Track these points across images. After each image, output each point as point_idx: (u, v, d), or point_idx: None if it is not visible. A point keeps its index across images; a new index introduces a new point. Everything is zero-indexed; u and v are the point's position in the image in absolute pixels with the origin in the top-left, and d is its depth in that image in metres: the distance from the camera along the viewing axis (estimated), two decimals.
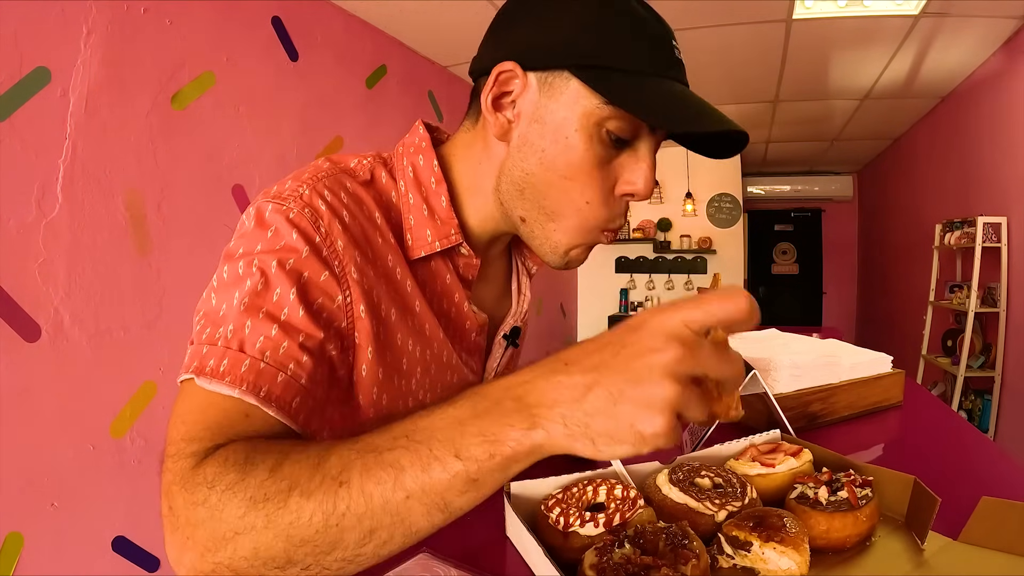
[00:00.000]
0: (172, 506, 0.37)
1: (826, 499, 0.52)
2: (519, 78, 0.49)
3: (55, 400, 1.39)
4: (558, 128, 0.48)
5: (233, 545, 0.34)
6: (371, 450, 0.34)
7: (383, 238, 0.52)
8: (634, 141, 0.50)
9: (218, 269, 0.47)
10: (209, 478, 0.36)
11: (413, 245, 0.54)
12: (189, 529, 0.35)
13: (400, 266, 0.52)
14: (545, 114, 0.49)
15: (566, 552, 0.48)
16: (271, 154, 2.03)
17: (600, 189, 0.50)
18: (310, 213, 0.47)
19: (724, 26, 2.69)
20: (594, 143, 0.48)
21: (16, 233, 1.32)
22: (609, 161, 0.50)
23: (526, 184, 0.51)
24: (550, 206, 0.51)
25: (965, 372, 2.98)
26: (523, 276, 0.66)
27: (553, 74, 0.48)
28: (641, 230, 5.46)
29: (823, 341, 1.16)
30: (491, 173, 0.54)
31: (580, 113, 0.48)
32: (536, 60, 0.48)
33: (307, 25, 2.19)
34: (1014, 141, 2.76)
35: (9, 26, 1.29)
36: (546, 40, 0.48)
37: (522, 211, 0.53)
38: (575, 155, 0.48)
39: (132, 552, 1.55)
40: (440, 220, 0.54)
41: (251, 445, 0.38)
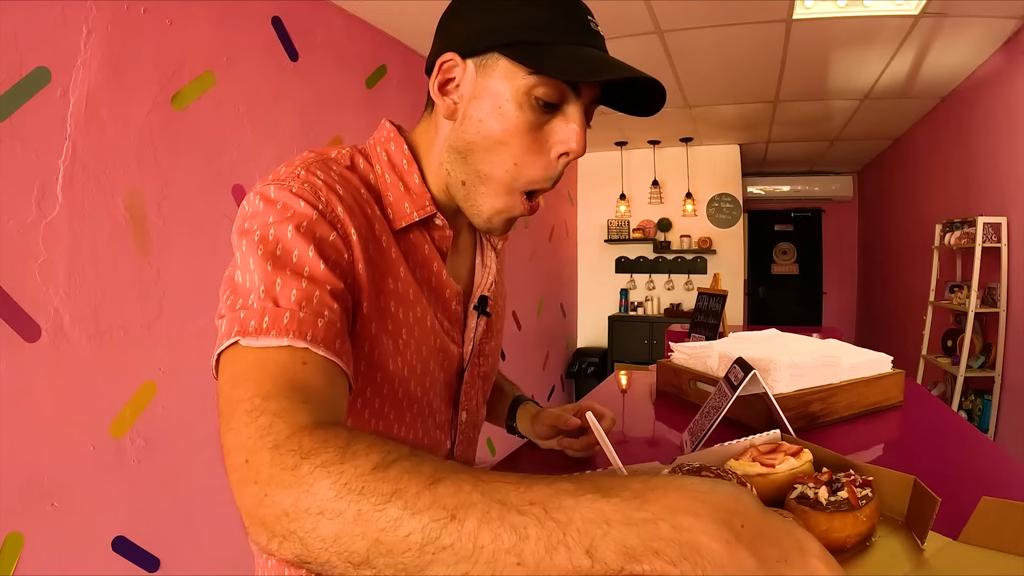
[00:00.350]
0: (250, 460, 0.37)
1: (826, 499, 0.52)
2: (459, 65, 0.57)
3: (55, 400, 1.39)
4: (493, 100, 0.55)
5: (315, 522, 0.33)
6: (498, 500, 0.31)
7: (371, 209, 0.58)
8: (563, 105, 0.56)
9: (235, 247, 0.51)
10: (304, 448, 0.36)
11: (394, 218, 0.60)
12: (271, 488, 0.35)
13: (386, 234, 0.58)
14: (482, 91, 0.56)
15: None
16: (271, 154, 2.03)
17: (529, 151, 0.56)
18: (309, 187, 0.52)
19: (724, 26, 2.69)
20: (525, 110, 0.54)
21: (16, 233, 1.32)
22: (541, 126, 0.56)
23: (467, 151, 0.58)
24: (484, 169, 0.57)
25: (965, 372, 2.98)
26: (488, 251, 0.72)
27: (486, 57, 0.55)
28: (641, 230, 5.46)
29: (823, 341, 1.16)
30: (443, 147, 0.61)
31: (510, 85, 0.54)
32: (471, 47, 0.56)
33: (307, 25, 2.19)
34: (1014, 141, 2.76)
35: (9, 26, 1.29)
36: (477, 29, 0.55)
37: (463, 175, 0.59)
38: (508, 122, 0.55)
39: (132, 552, 1.55)
40: (415, 194, 0.61)
41: (353, 433, 0.37)
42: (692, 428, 0.83)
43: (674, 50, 2.98)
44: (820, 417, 0.94)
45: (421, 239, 0.62)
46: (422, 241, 0.62)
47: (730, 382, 0.79)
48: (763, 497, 0.56)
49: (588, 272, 5.76)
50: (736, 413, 0.95)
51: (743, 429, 0.91)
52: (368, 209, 0.57)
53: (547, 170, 0.57)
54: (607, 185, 5.53)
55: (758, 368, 0.77)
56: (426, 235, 0.63)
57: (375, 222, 0.57)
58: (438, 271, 0.64)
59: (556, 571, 0.29)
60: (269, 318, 0.44)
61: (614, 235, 5.52)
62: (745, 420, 0.94)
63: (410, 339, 0.60)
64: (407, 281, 0.59)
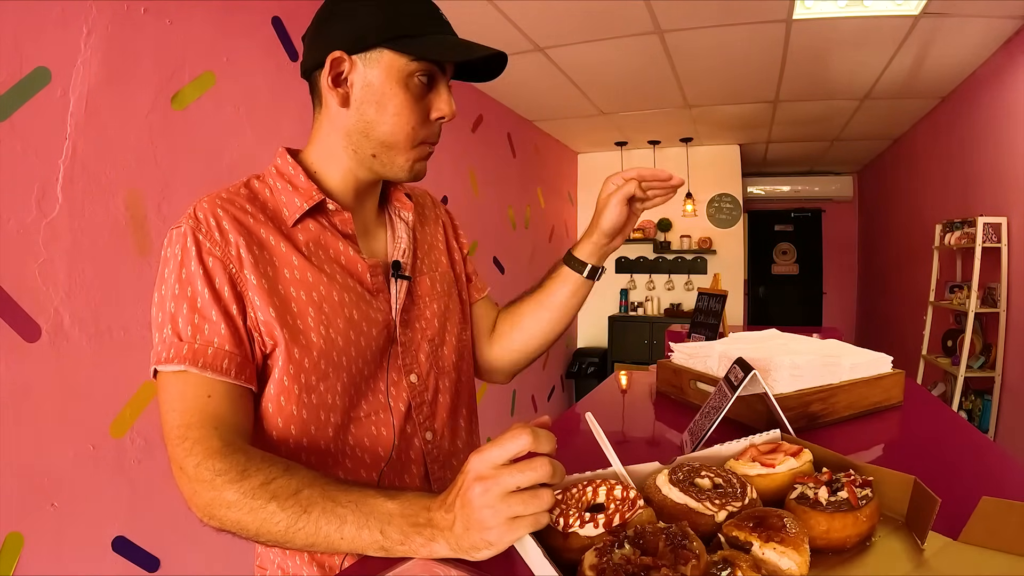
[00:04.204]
0: (183, 467, 0.57)
1: (826, 499, 0.52)
2: (347, 61, 0.68)
3: (55, 400, 1.39)
4: (383, 85, 0.68)
5: (225, 512, 0.55)
6: (330, 499, 0.53)
7: (254, 219, 0.69)
8: (434, 82, 0.70)
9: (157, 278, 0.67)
10: (217, 468, 0.56)
11: (289, 214, 0.71)
12: (198, 486, 0.56)
13: (274, 235, 0.69)
14: (373, 79, 0.68)
15: (566, 553, 0.48)
16: (271, 154, 2.01)
17: (419, 117, 0.70)
18: (192, 221, 0.66)
19: (724, 26, 2.69)
20: (408, 89, 0.68)
21: (16, 233, 1.32)
22: (421, 99, 0.70)
23: (367, 128, 0.70)
24: (389, 138, 0.70)
25: (965, 372, 2.98)
26: (398, 224, 0.83)
27: (371, 51, 0.67)
28: (641, 230, 5.46)
29: (823, 341, 1.16)
30: (339, 136, 0.72)
31: (396, 71, 0.68)
32: (356, 45, 0.67)
33: (307, 25, 2.19)
34: (1014, 141, 2.76)
35: (9, 26, 1.29)
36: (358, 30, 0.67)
37: (371, 149, 0.71)
38: (398, 99, 0.68)
39: (132, 552, 1.55)
40: (301, 190, 0.72)
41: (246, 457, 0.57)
42: (692, 428, 0.83)
43: (674, 50, 2.98)
44: (820, 417, 0.94)
45: (320, 228, 0.72)
46: (321, 229, 0.72)
47: (730, 382, 0.79)
48: (763, 497, 0.56)
49: None
50: (736, 413, 0.94)
51: (743, 429, 0.91)
52: (250, 220, 0.69)
53: (433, 130, 0.73)
54: None
55: (758, 368, 0.76)
56: (324, 222, 0.73)
57: (260, 228, 0.69)
58: (344, 250, 0.73)
59: (363, 543, 0.52)
60: (174, 350, 0.61)
61: None
62: (745, 420, 0.94)
63: (320, 315, 0.69)
64: (303, 267, 0.69)
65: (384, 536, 0.51)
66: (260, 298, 0.65)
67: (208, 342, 0.62)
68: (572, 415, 1.11)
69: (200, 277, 0.63)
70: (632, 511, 0.50)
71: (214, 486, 0.55)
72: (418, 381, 0.77)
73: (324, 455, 0.69)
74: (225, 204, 0.69)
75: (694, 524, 0.50)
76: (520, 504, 0.48)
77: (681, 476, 0.56)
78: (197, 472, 0.56)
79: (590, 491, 0.54)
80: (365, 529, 0.51)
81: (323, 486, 0.54)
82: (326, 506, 0.53)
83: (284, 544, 0.54)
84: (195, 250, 0.64)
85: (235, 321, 0.64)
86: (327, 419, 0.69)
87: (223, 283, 0.64)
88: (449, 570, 0.50)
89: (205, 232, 0.65)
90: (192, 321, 0.62)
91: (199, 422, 0.59)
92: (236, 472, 0.55)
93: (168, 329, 0.62)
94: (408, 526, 0.51)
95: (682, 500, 0.52)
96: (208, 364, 0.61)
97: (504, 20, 2.56)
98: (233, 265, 0.65)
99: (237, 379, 0.62)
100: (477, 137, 3.63)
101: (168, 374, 0.61)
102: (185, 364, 0.60)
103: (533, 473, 0.48)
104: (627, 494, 0.53)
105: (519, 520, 0.48)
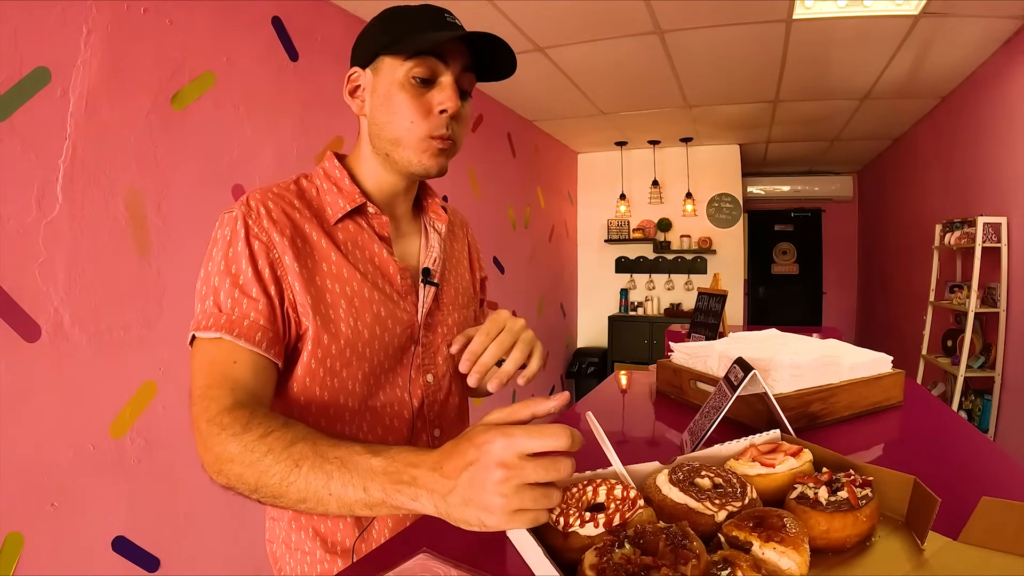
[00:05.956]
0: (198, 425, 0.61)
1: (826, 499, 0.52)
2: (359, 74, 0.77)
3: (55, 400, 1.39)
4: (385, 89, 0.74)
5: (229, 467, 0.58)
6: (320, 455, 0.54)
7: (300, 214, 0.75)
8: (437, 78, 0.73)
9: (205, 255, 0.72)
10: (224, 424, 0.59)
11: (332, 213, 0.77)
12: (209, 443, 0.59)
13: (316, 231, 0.75)
14: (378, 85, 0.75)
15: (566, 552, 0.48)
16: (271, 154, 2.03)
17: (418, 112, 0.73)
18: (244, 207, 0.72)
19: (724, 26, 2.69)
20: (407, 87, 0.72)
21: (16, 233, 1.32)
22: (422, 96, 0.73)
23: (379, 129, 0.76)
24: (395, 136, 0.75)
25: (965, 372, 2.98)
26: (432, 234, 0.87)
27: (376, 61, 0.75)
28: (641, 230, 5.46)
29: (823, 341, 1.16)
30: (366, 142, 0.79)
31: (393, 73, 0.73)
32: (365, 59, 0.76)
33: (307, 25, 2.19)
34: (1014, 141, 2.76)
35: (9, 26, 1.29)
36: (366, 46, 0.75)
37: (385, 148, 0.76)
38: (398, 98, 0.73)
39: (132, 552, 1.55)
40: (346, 192, 0.78)
41: (251, 412, 0.60)
42: (692, 428, 0.83)
43: (674, 50, 2.98)
44: (820, 417, 0.94)
45: (358, 228, 0.78)
46: (359, 230, 0.78)
47: (730, 382, 0.79)
48: (763, 497, 0.56)
49: (588, 272, 5.76)
50: (736, 413, 0.95)
51: (743, 429, 0.91)
52: (297, 214, 0.74)
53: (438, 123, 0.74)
54: (607, 185, 5.53)
55: (758, 368, 0.76)
56: (363, 224, 0.79)
57: (304, 224, 0.74)
58: (379, 252, 0.78)
59: (348, 500, 0.53)
60: (213, 319, 0.66)
61: (614, 235, 5.52)
62: (745, 420, 0.94)
63: (351, 308, 0.74)
64: (340, 263, 0.75)
65: (367, 493, 0.52)
66: (299, 284, 0.71)
67: (245, 315, 0.67)
68: (572, 415, 1.11)
69: (245, 257, 0.69)
70: (632, 511, 0.50)
71: (220, 440, 0.58)
72: (434, 381, 0.82)
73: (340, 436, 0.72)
74: (276, 198, 0.74)
75: (694, 524, 0.50)
76: (531, 500, 0.47)
77: (681, 476, 0.56)
78: (208, 428, 0.59)
79: (590, 491, 0.54)
80: (350, 486, 0.52)
81: (314, 441, 0.56)
82: (315, 461, 0.54)
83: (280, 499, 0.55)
84: (243, 233, 0.70)
85: (272, 300, 0.69)
86: (345, 403, 0.74)
87: (265, 265, 0.69)
88: (449, 570, 0.50)
89: (255, 218, 0.71)
90: (233, 295, 0.67)
91: (219, 383, 0.63)
92: (239, 426, 0.58)
93: (210, 301, 0.68)
94: (390, 484, 0.51)
95: (682, 500, 0.52)
96: (242, 334, 0.66)
97: (504, 20, 2.56)
98: (276, 251, 0.71)
99: (267, 352, 0.67)
100: (477, 137, 3.63)
101: (204, 341, 0.66)
102: (222, 332, 0.65)
103: (556, 473, 0.47)
104: (627, 494, 0.53)
105: (523, 514, 0.47)
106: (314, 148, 2.25)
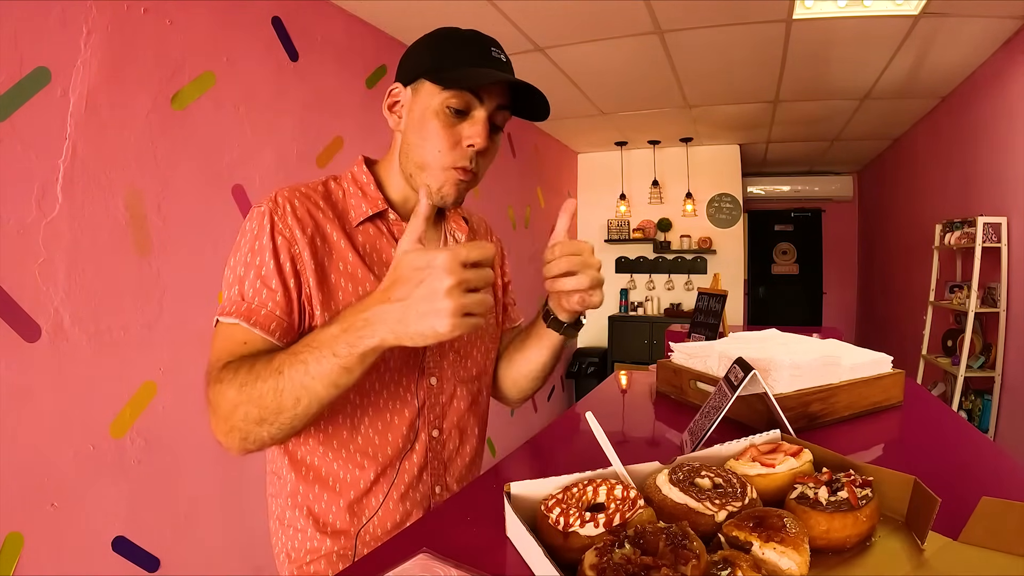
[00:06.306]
0: (208, 399, 0.66)
1: (826, 499, 0.52)
2: (401, 91, 0.80)
3: (55, 400, 1.39)
4: (421, 112, 0.76)
5: (234, 413, 0.63)
6: (292, 353, 0.62)
7: (324, 215, 0.79)
8: (470, 111, 0.76)
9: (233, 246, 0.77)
10: (220, 377, 0.65)
11: (355, 216, 0.81)
12: (214, 407, 0.65)
13: (337, 231, 0.79)
14: (415, 106, 0.78)
15: (566, 552, 0.48)
16: (271, 154, 2.03)
17: (446, 142, 0.75)
18: (272, 204, 0.76)
19: (724, 26, 2.69)
20: (440, 115, 0.75)
21: (16, 233, 1.32)
22: (453, 127, 0.76)
23: (409, 149, 0.79)
24: (419, 160, 0.78)
25: (965, 372, 2.98)
26: (451, 241, 0.91)
27: (417, 83, 0.78)
28: (641, 230, 5.46)
29: (823, 341, 1.16)
30: (396, 155, 0.83)
31: (430, 100, 0.76)
32: (407, 77, 0.79)
33: (307, 25, 2.19)
34: (1014, 141, 2.76)
35: (9, 26, 1.29)
36: (411, 65, 0.79)
37: (411, 169, 0.80)
38: (430, 125, 0.76)
39: (132, 552, 1.55)
40: (370, 197, 0.82)
41: (242, 359, 0.66)
42: (692, 428, 0.83)
43: (674, 50, 2.98)
44: (820, 417, 0.94)
45: (378, 232, 0.82)
46: (379, 234, 0.82)
47: (730, 382, 0.79)
48: (763, 497, 0.56)
49: None
50: (736, 413, 0.94)
51: (743, 429, 0.91)
52: (320, 214, 0.78)
53: (462, 156, 0.77)
54: (607, 185, 5.53)
55: (758, 368, 0.76)
56: (383, 229, 0.83)
57: (326, 224, 0.78)
58: None
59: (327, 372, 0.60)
60: (235, 307, 0.71)
61: (614, 235, 5.51)
62: (745, 420, 0.94)
63: None
64: (356, 264, 0.79)
65: (337, 356, 0.59)
66: (314, 280, 0.75)
67: (263, 304, 0.71)
68: (572, 415, 1.11)
69: (269, 250, 0.73)
70: (632, 511, 0.50)
71: (221, 392, 0.63)
72: (436, 384, 0.85)
73: (339, 429, 0.78)
74: (302, 197, 0.78)
75: (694, 524, 0.50)
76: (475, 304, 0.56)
77: (681, 476, 0.56)
78: (212, 391, 0.65)
79: (590, 491, 0.54)
80: (324, 360, 0.59)
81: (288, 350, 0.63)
82: (291, 360, 0.61)
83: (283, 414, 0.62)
84: (269, 228, 0.74)
85: (291, 293, 0.73)
86: (347, 397, 0.77)
87: (286, 259, 0.74)
88: (449, 570, 0.50)
89: (280, 215, 0.75)
90: (255, 286, 0.72)
91: (227, 358, 0.69)
92: (232, 373, 0.64)
93: (235, 289, 0.72)
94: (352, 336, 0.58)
95: (682, 500, 0.52)
96: (258, 322, 0.70)
97: (504, 20, 2.56)
98: (297, 247, 0.75)
99: (279, 340, 0.72)
100: None
101: (225, 325, 0.71)
102: (240, 319, 0.70)
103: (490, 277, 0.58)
104: (627, 494, 0.53)
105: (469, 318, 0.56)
106: (314, 148, 2.25)
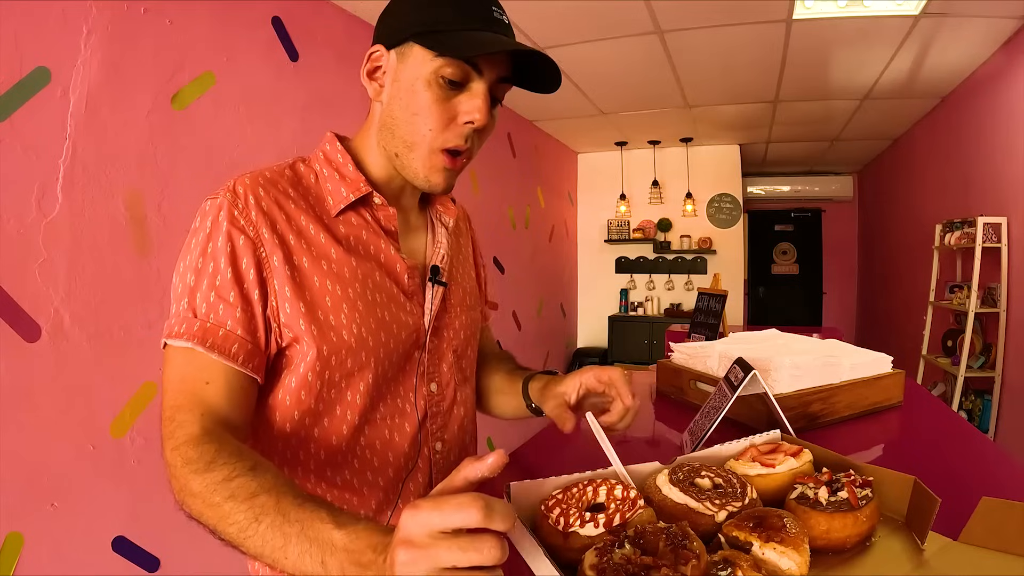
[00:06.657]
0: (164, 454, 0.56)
1: (826, 499, 0.52)
2: (384, 55, 0.66)
3: (55, 400, 1.39)
4: (410, 81, 0.64)
5: (191, 501, 0.52)
6: (281, 513, 0.48)
7: (295, 204, 0.66)
8: (468, 83, 0.64)
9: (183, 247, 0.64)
10: (188, 458, 0.53)
11: (333, 204, 0.68)
12: (172, 470, 0.54)
13: (314, 224, 0.66)
14: (401, 74, 0.65)
15: (566, 552, 0.48)
16: (271, 154, 2.03)
17: (439, 119, 0.64)
18: (230, 195, 0.63)
19: (724, 26, 2.69)
20: (433, 87, 0.63)
21: (16, 233, 1.32)
22: (447, 100, 0.64)
23: (393, 125, 0.67)
24: (408, 137, 0.66)
25: (965, 372, 2.98)
26: (439, 228, 0.80)
27: (404, 46, 0.64)
28: (641, 230, 5.46)
29: (823, 341, 1.16)
30: (375, 129, 0.70)
31: (421, 68, 0.63)
32: (393, 39, 0.65)
33: (307, 25, 2.19)
34: (1014, 141, 2.76)
35: (9, 26, 1.29)
36: (398, 24, 0.65)
37: (393, 148, 0.68)
38: (420, 98, 0.64)
39: (132, 552, 1.55)
40: (349, 179, 0.69)
41: (218, 447, 0.54)
42: (692, 428, 0.83)
43: (674, 50, 2.98)
44: (820, 417, 0.94)
45: (361, 221, 0.70)
46: (362, 223, 0.70)
47: (730, 382, 0.79)
48: (763, 497, 0.56)
49: (588, 272, 5.76)
50: (736, 413, 0.94)
51: (743, 429, 0.91)
52: (291, 205, 0.66)
53: (457, 134, 0.66)
54: (607, 185, 5.53)
55: (758, 368, 0.77)
56: (367, 216, 0.70)
57: (300, 215, 0.66)
58: (384, 248, 0.70)
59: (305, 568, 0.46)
60: (185, 326, 0.59)
61: (614, 235, 5.52)
62: (745, 420, 0.94)
63: (353, 313, 0.66)
64: (341, 261, 0.66)
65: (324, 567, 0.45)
66: (290, 289, 0.63)
67: (221, 323, 0.59)
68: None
69: (225, 255, 0.60)
70: (632, 511, 0.50)
71: (183, 473, 0.53)
72: (437, 390, 0.75)
73: (334, 452, 0.68)
74: (267, 184, 0.65)
75: (694, 524, 0.50)
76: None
77: (681, 476, 0.56)
78: (172, 457, 0.54)
79: (590, 491, 0.54)
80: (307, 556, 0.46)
81: (279, 495, 0.49)
82: (275, 520, 0.48)
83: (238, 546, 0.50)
84: (226, 225, 0.61)
85: (253, 307, 0.61)
86: (343, 417, 0.67)
87: (249, 265, 0.61)
88: None
89: (241, 209, 0.62)
90: (209, 299, 0.59)
91: (188, 405, 0.57)
92: (203, 463, 0.52)
93: (185, 302, 0.60)
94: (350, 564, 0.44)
95: (682, 500, 0.52)
96: (216, 345, 0.58)
97: None
98: (264, 248, 0.62)
99: (244, 367, 0.60)
100: None
101: (176, 349, 0.59)
102: (194, 342, 0.58)
103: (477, 555, 0.37)
104: (627, 494, 0.53)
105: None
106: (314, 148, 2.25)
